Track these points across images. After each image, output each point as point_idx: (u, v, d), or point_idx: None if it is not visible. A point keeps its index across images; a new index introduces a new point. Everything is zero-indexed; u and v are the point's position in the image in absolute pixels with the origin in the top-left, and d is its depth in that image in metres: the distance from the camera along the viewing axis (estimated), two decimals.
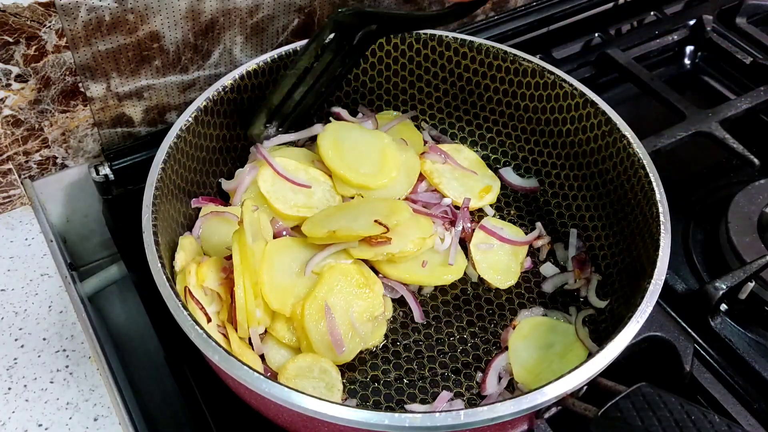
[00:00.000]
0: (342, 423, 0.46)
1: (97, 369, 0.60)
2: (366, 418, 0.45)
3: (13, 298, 0.64)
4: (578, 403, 0.49)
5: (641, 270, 0.58)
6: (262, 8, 0.73)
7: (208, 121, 0.67)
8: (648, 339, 0.60)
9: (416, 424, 0.45)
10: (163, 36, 0.69)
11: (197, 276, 0.58)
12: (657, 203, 0.59)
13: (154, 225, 0.56)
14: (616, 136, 0.65)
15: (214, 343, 0.49)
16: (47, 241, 0.69)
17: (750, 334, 0.65)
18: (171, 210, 0.62)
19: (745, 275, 0.64)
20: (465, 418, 0.45)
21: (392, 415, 0.45)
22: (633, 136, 0.65)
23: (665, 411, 0.46)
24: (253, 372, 0.47)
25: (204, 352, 0.49)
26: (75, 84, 0.68)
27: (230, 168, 0.72)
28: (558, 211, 0.73)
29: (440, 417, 0.45)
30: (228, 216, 0.66)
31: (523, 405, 0.46)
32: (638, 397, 0.47)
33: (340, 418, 0.45)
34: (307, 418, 0.47)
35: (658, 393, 0.47)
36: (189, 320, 0.50)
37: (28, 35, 0.63)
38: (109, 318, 0.82)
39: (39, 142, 0.71)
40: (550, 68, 0.70)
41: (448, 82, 0.76)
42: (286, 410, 0.47)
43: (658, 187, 0.60)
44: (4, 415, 0.56)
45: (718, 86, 0.92)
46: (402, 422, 0.45)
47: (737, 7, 0.96)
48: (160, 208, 0.58)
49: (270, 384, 0.47)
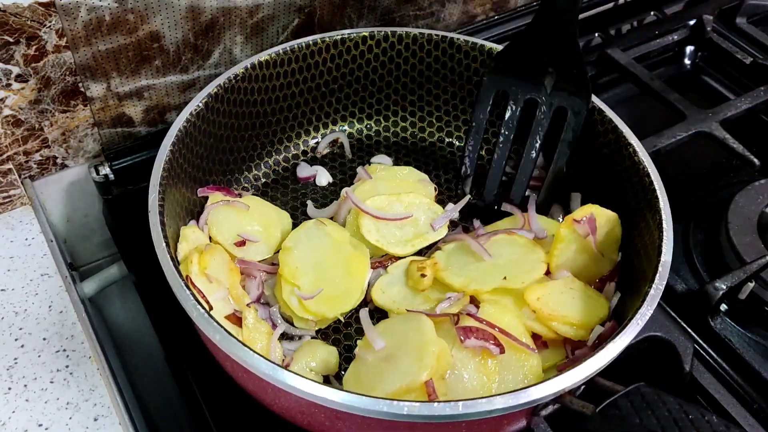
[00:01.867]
0: (340, 408, 0.46)
1: (97, 369, 0.60)
2: (364, 404, 0.45)
3: (14, 298, 0.64)
4: (576, 400, 0.49)
5: (642, 274, 0.58)
6: (262, 8, 0.73)
7: (218, 109, 0.67)
8: (648, 339, 0.60)
9: (414, 412, 0.45)
10: (163, 36, 0.69)
11: (199, 264, 0.58)
12: (660, 210, 0.59)
13: (160, 206, 0.56)
14: (622, 143, 0.65)
15: (215, 323, 0.49)
16: (47, 241, 0.69)
17: (750, 335, 0.65)
18: (177, 195, 0.62)
19: (745, 275, 0.64)
20: (463, 408, 0.45)
21: (390, 403, 0.45)
22: (638, 144, 0.64)
23: (663, 410, 0.46)
24: (253, 353, 0.47)
25: (205, 332, 0.49)
26: (75, 84, 0.68)
27: (236, 158, 0.72)
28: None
29: (438, 407, 0.45)
30: (236, 205, 0.66)
31: (521, 399, 0.46)
32: (637, 396, 0.47)
33: (338, 403, 0.45)
34: (305, 402, 0.47)
35: (656, 393, 0.47)
36: (191, 299, 0.50)
37: (28, 35, 0.63)
38: (109, 318, 0.82)
39: (39, 142, 0.71)
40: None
41: (449, 80, 0.77)
42: (283, 394, 0.47)
43: (662, 195, 0.60)
44: (4, 415, 0.56)
45: (719, 86, 0.92)
46: (400, 410, 0.45)
47: (737, 7, 0.96)
48: (167, 191, 0.58)
49: (268, 365, 0.47)
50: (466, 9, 0.90)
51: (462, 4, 0.89)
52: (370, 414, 0.46)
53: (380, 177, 0.72)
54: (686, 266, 0.71)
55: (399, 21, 0.85)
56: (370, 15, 0.83)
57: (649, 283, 0.54)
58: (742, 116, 0.81)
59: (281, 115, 0.75)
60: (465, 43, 0.74)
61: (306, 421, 0.53)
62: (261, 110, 0.73)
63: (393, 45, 0.75)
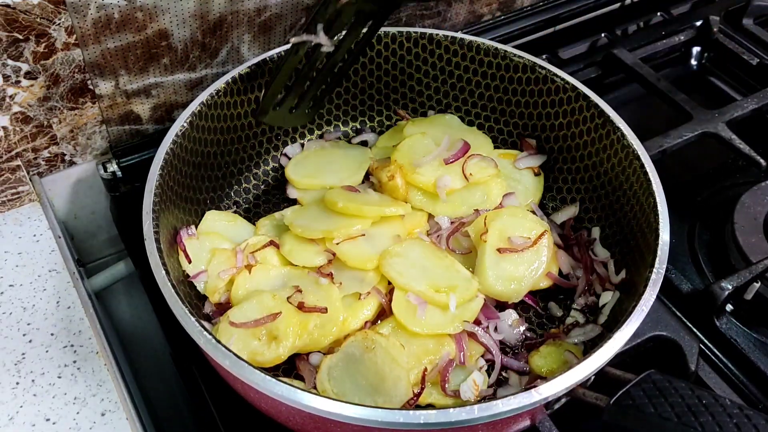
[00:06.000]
0: (355, 423, 0.45)
1: (104, 365, 0.60)
2: (380, 417, 0.45)
3: (22, 294, 0.65)
4: (589, 393, 0.49)
5: (642, 260, 0.58)
6: (269, 7, 0.73)
7: (203, 126, 0.67)
8: (653, 338, 0.60)
9: (431, 420, 0.45)
10: (171, 34, 0.70)
11: None
12: (654, 193, 0.59)
13: (156, 232, 0.57)
14: (610, 128, 0.66)
15: (223, 348, 0.49)
16: (55, 238, 0.69)
17: (755, 335, 0.65)
18: (170, 217, 0.62)
19: (750, 276, 0.64)
20: (479, 412, 0.45)
21: (407, 413, 0.45)
22: (626, 127, 0.65)
23: (677, 397, 0.46)
24: (265, 375, 0.47)
25: (214, 358, 0.49)
26: (84, 81, 0.69)
27: (225, 173, 0.73)
28: (552, 204, 0.74)
29: (454, 413, 0.45)
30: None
31: (535, 398, 0.46)
32: (648, 384, 0.47)
33: (353, 418, 0.45)
34: (319, 419, 0.46)
35: (667, 379, 0.47)
36: (197, 326, 0.50)
37: (37, 33, 0.63)
38: (116, 314, 0.82)
39: (48, 139, 0.71)
40: (541, 63, 0.71)
41: (439, 80, 0.77)
42: (296, 411, 0.47)
43: (654, 177, 0.61)
44: (12, 410, 0.57)
45: (725, 87, 0.92)
46: (416, 419, 0.45)
47: (744, 8, 0.96)
48: (161, 217, 0.59)
49: (279, 386, 0.46)
50: (472, 9, 0.90)
51: (468, 4, 0.89)
52: (386, 426, 0.45)
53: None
54: (692, 266, 0.71)
55: (406, 20, 0.86)
56: None
57: (650, 268, 0.54)
58: (749, 117, 0.81)
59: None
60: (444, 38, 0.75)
61: None
62: (246, 123, 0.73)
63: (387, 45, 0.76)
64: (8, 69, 0.64)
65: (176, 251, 0.63)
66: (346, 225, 0.65)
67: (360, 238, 0.65)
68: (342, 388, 0.57)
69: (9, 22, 0.61)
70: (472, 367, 0.60)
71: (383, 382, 0.57)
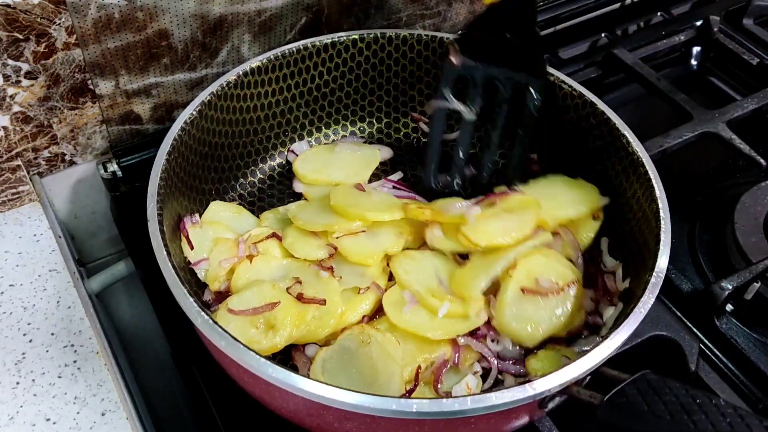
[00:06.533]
0: (347, 408, 0.46)
1: (104, 364, 0.60)
2: (373, 404, 0.45)
3: (22, 294, 0.65)
4: (583, 391, 0.49)
5: (643, 265, 0.58)
6: (269, 7, 0.73)
7: (212, 116, 0.67)
8: (653, 339, 0.60)
9: (423, 410, 0.45)
10: (171, 34, 0.70)
11: None
12: (657, 199, 0.60)
13: (159, 215, 0.57)
14: (616, 135, 0.66)
15: (219, 328, 0.49)
16: (55, 237, 0.69)
17: (756, 335, 0.65)
18: (175, 204, 0.62)
19: (750, 276, 0.64)
20: (472, 403, 0.45)
21: (399, 401, 0.45)
22: (632, 134, 0.65)
23: (671, 396, 0.46)
24: (260, 357, 0.47)
25: (210, 339, 0.49)
26: (84, 81, 0.69)
27: (231, 165, 0.73)
28: None
29: (447, 403, 0.45)
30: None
31: (528, 392, 0.46)
32: (643, 383, 0.47)
33: (346, 403, 0.45)
34: (311, 404, 0.47)
35: (662, 379, 0.47)
36: (195, 306, 0.50)
37: (38, 32, 0.63)
38: (116, 314, 0.83)
39: (48, 139, 0.71)
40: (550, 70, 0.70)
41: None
42: (290, 397, 0.47)
43: (658, 185, 0.61)
44: (12, 410, 0.57)
45: (725, 87, 0.92)
46: (409, 407, 0.45)
47: (744, 8, 0.96)
48: (165, 201, 0.59)
49: (274, 368, 0.47)
50: (472, 8, 0.90)
51: (469, 4, 0.89)
52: (379, 413, 0.45)
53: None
54: (692, 266, 0.71)
55: (406, 20, 0.86)
56: (377, 14, 0.83)
57: (650, 272, 0.54)
58: (749, 117, 0.81)
59: (274, 120, 0.75)
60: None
61: (315, 423, 0.53)
62: (254, 116, 0.73)
63: (383, 47, 0.75)
64: (8, 69, 0.64)
65: (179, 238, 0.63)
66: (348, 221, 0.65)
67: (361, 234, 0.65)
68: (335, 380, 0.57)
69: (9, 22, 0.61)
70: (467, 371, 0.60)
71: (377, 376, 0.56)
